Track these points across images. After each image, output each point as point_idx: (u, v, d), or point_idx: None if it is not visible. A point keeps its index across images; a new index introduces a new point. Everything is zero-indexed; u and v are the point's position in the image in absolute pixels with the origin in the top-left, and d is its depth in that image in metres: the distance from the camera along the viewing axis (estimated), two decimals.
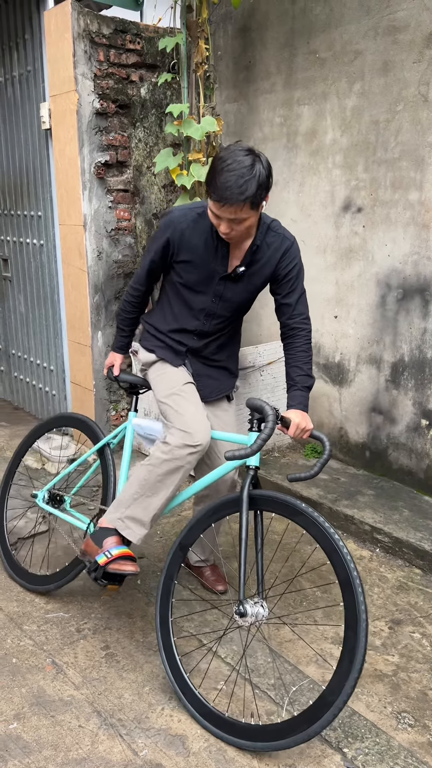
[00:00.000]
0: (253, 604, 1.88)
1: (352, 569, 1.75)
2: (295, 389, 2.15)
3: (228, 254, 2.10)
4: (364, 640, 1.70)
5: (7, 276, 4.37)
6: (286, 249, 2.13)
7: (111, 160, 3.49)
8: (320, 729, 1.71)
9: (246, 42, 3.63)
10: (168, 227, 2.10)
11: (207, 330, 2.23)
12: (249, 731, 1.83)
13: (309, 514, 1.87)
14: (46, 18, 3.38)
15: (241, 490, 1.95)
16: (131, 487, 2.11)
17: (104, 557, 2.07)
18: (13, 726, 1.91)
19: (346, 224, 3.32)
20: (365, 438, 3.44)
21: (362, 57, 3.09)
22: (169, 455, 2.03)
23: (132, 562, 2.07)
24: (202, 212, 2.09)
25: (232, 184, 1.84)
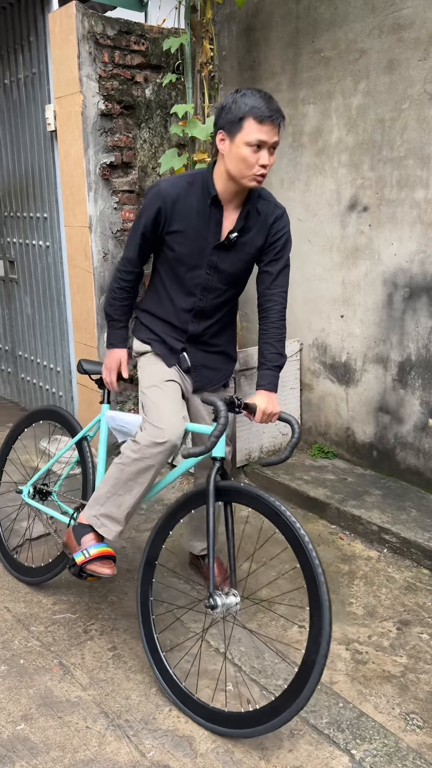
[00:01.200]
0: (224, 595, 1.89)
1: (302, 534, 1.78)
2: (265, 368, 2.14)
3: (221, 221, 2.07)
4: (326, 591, 1.72)
5: (14, 278, 4.39)
6: (277, 216, 2.12)
7: (116, 161, 3.49)
8: (311, 691, 1.71)
9: (250, 42, 3.63)
10: (158, 197, 2.03)
11: (204, 307, 2.17)
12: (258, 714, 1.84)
13: (271, 504, 1.86)
14: (51, 20, 3.38)
15: (206, 483, 1.94)
16: (105, 485, 2.12)
17: (82, 556, 2.09)
18: (20, 727, 1.92)
19: (352, 223, 3.31)
20: (372, 438, 3.43)
21: (367, 55, 3.08)
22: (139, 454, 2.01)
23: (109, 563, 2.09)
24: (192, 180, 2.06)
25: (273, 103, 1.88)
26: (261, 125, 1.88)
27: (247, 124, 1.89)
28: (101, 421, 2.40)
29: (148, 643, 2.09)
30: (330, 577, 2.68)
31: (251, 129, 1.89)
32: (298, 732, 1.90)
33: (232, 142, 1.93)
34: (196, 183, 2.05)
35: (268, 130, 1.89)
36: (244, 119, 1.89)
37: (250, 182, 1.97)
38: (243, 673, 2.13)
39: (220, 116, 1.95)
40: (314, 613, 1.74)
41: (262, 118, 1.87)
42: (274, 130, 1.90)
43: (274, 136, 1.91)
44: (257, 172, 1.94)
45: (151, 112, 3.62)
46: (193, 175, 2.08)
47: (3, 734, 1.89)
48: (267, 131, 1.89)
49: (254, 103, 1.87)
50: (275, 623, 2.39)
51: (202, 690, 2.04)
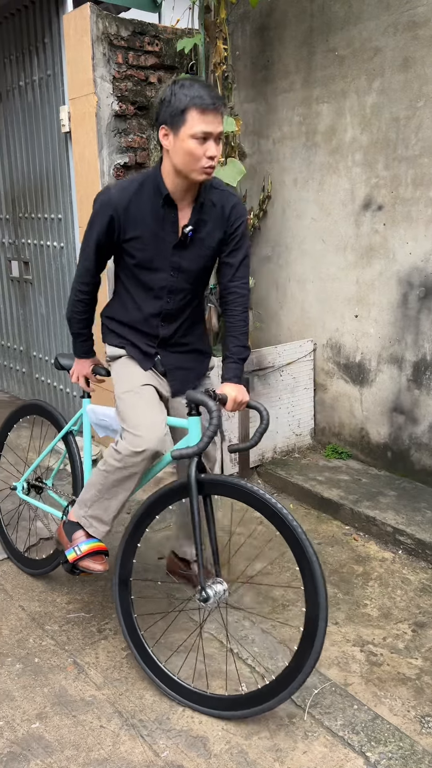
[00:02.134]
0: (211, 585, 1.93)
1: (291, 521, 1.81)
2: (230, 361, 2.13)
3: (177, 220, 2.02)
4: (311, 548, 1.78)
5: (28, 278, 4.41)
6: (233, 205, 2.07)
7: (130, 161, 3.50)
8: (314, 660, 1.77)
9: (264, 41, 3.62)
10: (108, 206, 1.97)
11: (172, 309, 2.13)
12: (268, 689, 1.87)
13: (255, 492, 1.87)
14: (65, 22, 3.40)
15: (188, 477, 1.94)
16: (91, 489, 2.11)
17: (74, 553, 2.12)
18: (35, 725, 1.92)
19: (366, 222, 3.29)
20: (387, 438, 3.41)
21: (382, 54, 3.06)
22: (121, 463, 2.00)
23: (101, 558, 2.12)
24: (143, 181, 2.00)
25: (212, 92, 1.84)
26: (204, 115, 1.82)
27: (189, 116, 1.83)
28: (83, 414, 2.41)
29: (145, 660, 2.08)
30: (344, 578, 2.67)
31: (195, 121, 1.83)
32: (313, 734, 1.89)
33: (176, 136, 1.87)
34: (146, 184, 1.99)
35: (212, 120, 1.84)
36: (187, 111, 1.83)
37: (199, 176, 1.91)
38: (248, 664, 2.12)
39: (160, 110, 1.89)
40: (305, 571, 1.77)
41: (205, 107, 1.81)
42: (217, 119, 1.85)
43: (218, 126, 1.86)
44: (205, 164, 1.88)
45: None
46: (143, 177, 2.02)
47: (18, 732, 1.90)
48: (211, 121, 1.84)
49: (195, 93, 1.82)
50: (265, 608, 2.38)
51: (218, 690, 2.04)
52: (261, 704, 1.87)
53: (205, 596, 1.91)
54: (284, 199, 3.68)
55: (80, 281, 2.16)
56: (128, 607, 2.12)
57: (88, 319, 2.24)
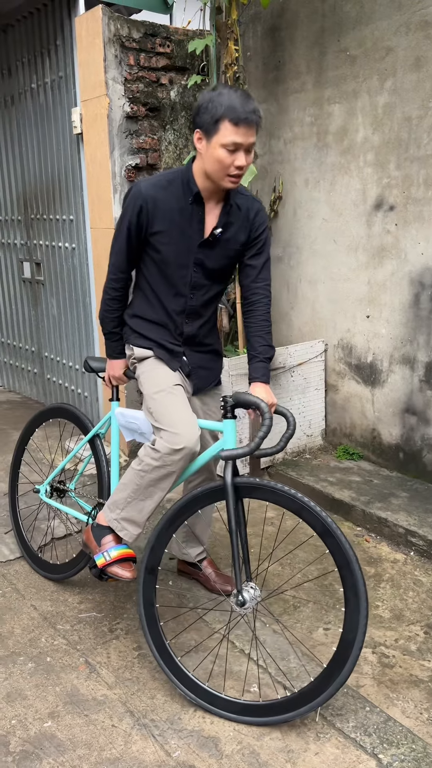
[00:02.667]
0: (247, 589, 1.92)
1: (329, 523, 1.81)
2: (257, 360, 2.14)
3: (204, 218, 2.06)
4: (359, 570, 1.76)
5: (40, 280, 4.43)
6: (257, 210, 2.13)
7: (141, 163, 3.51)
8: (352, 666, 1.76)
9: (275, 42, 3.62)
10: (138, 197, 2.00)
11: (196, 305, 2.16)
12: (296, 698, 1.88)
13: (291, 495, 1.86)
14: (77, 24, 3.42)
15: (224, 479, 1.94)
16: (125, 489, 2.09)
17: (102, 558, 2.09)
18: (47, 724, 1.93)
19: (378, 223, 3.28)
20: (399, 439, 3.39)
21: (394, 53, 3.05)
22: (160, 462, 1.99)
23: (129, 566, 2.09)
24: (172, 179, 2.04)
25: (248, 104, 1.85)
26: (236, 127, 1.85)
27: (222, 126, 1.86)
28: (111, 418, 2.41)
29: (159, 652, 2.07)
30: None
31: (227, 131, 1.86)
32: (324, 735, 1.89)
33: (209, 143, 1.91)
34: (176, 181, 2.03)
35: (244, 132, 1.86)
36: (220, 121, 1.86)
37: (226, 183, 1.96)
38: (268, 674, 2.12)
39: (197, 115, 1.92)
40: (350, 596, 1.76)
41: (237, 120, 1.84)
42: (250, 131, 1.87)
43: (250, 138, 1.88)
44: (232, 173, 1.92)
45: (176, 113, 3.63)
46: (173, 173, 2.06)
47: (30, 731, 1.91)
48: (243, 133, 1.86)
49: (229, 104, 1.84)
50: (300, 626, 2.38)
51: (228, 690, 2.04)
52: (277, 715, 1.88)
53: (242, 600, 1.89)
54: (295, 200, 3.68)
55: (111, 278, 2.19)
56: (151, 596, 2.08)
57: (121, 317, 2.26)
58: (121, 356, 2.31)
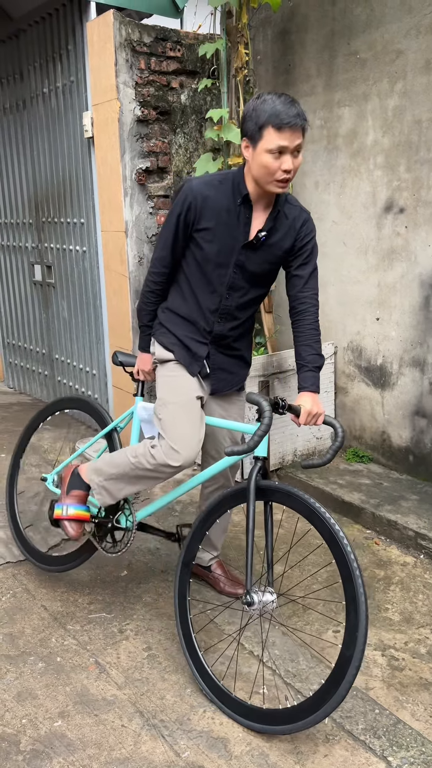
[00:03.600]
0: (260, 592, 1.91)
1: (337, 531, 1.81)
2: (306, 370, 2.14)
3: (250, 221, 2.08)
4: (362, 586, 1.74)
5: (51, 282, 4.46)
6: (304, 220, 2.14)
7: (152, 166, 3.53)
8: (348, 685, 1.73)
9: (285, 45, 3.63)
10: (189, 194, 2.04)
11: (230, 306, 2.17)
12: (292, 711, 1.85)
13: (311, 505, 1.86)
14: (89, 29, 3.44)
15: (248, 481, 1.95)
16: (115, 467, 2.20)
17: (61, 510, 2.30)
18: (57, 724, 1.94)
19: (387, 225, 3.28)
20: (408, 442, 3.39)
21: (404, 56, 3.05)
22: (153, 468, 2.09)
23: (80, 527, 2.30)
24: (223, 179, 2.07)
25: (292, 108, 1.86)
26: (280, 132, 1.87)
27: (266, 133, 1.89)
28: (134, 413, 2.43)
29: (186, 642, 2.10)
30: (365, 582, 2.65)
31: (271, 137, 1.88)
32: (334, 737, 1.88)
33: (255, 150, 1.94)
34: (226, 182, 2.07)
35: (289, 136, 1.88)
36: (264, 128, 1.89)
37: (274, 188, 1.98)
38: (277, 675, 2.12)
39: (243, 124, 1.96)
40: (350, 609, 1.75)
41: (281, 125, 1.86)
42: (295, 134, 1.88)
43: (295, 140, 1.90)
44: (279, 177, 1.94)
45: (186, 117, 3.65)
46: (224, 175, 2.10)
47: (41, 730, 1.92)
48: (287, 137, 1.88)
49: (272, 110, 1.86)
50: (309, 627, 2.38)
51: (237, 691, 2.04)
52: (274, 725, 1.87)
53: (249, 600, 1.89)
54: (305, 203, 3.69)
55: (154, 271, 2.20)
56: (185, 590, 2.13)
57: (155, 312, 2.29)
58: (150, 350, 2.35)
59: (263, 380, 3.40)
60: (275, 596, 1.93)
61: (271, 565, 1.98)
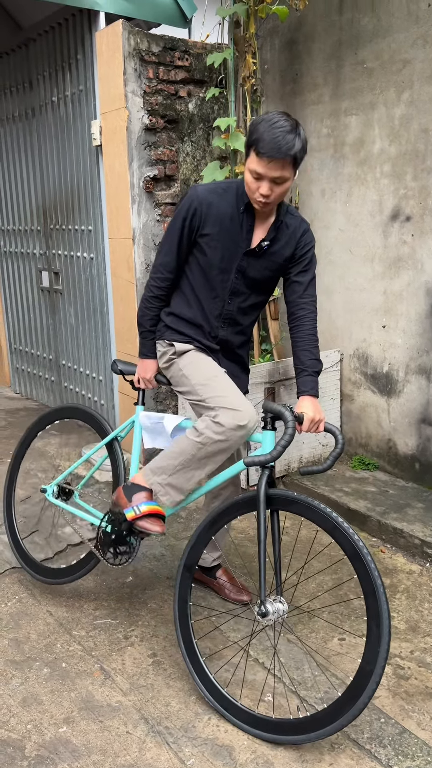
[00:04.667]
0: (273, 601, 1.90)
1: (361, 547, 1.79)
2: (306, 374, 2.15)
3: (252, 229, 2.11)
4: (385, 602, 1.74)
5: (58, 289, 4.49)
6: (304, 230, 2.18)
7: (159, 174, 3.55)
8: (367, 699, 1.72)
9: (293, 55, 3.66)
10: (193, 199, 2.07)
11: (232, 311, 2.20)
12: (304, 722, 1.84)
13: (322, 511, 1.86)
14: (98, 38, 3.48)
15: (257, 490, 1.95)
16: (177, 457, 2.09)
17: (133, 512, 2.09)
18: (62, 729, 1.94)
19: (394, 233, 3.29)
20: (415, 450, 3.38)
21: (411, 66, 3.07)
22: (223, 436, 1.99)
23: (160, 522, 2.10)
24: (227, 187, 2.10)
25: (281, 139, 1.86)
26: (259, 158, 1.90)
27: (251, 152, 1.93)
28: (135, 422, 2.43)
29: (187, 648, 2.10)
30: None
31: (252, 159, 1.93)
32: (339, 746, 1.88)
33: (245, 164, 1.99)
34: (230, 190, 2.10)
35: (267, 164, 1.90)
36: (250, 147, 1.93)
37: (255, 204, 2.02)
38: (283, 683, 2.12)
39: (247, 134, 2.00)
40: (372, 625, 1.74)
41: (259, 152, 1.89)
42: (273, 164, 1.89)
43: (272, 171, 1.91)
44: (257, 198, 1.98)
45: (193, 125, 3.68)
46: (228, 183, 2.13)
47: (46, 736, 1.92)
48: (265, 165, 1.90)
49: (261, 134, 1.88)
50: (315, 635, 2.37)
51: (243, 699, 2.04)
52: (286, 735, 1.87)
53: (264, 611, 1.88)
54: (312, 210, 3.70)
55: (157, 277, 2.22)
56: (186, 594, 2.11)
57: (158, 317, 2.29)
58: (153, 356, 2.33)
59: (269, 387, 3.41)
60: (286, 605, 1.92)
61: (280, 574, 1.98)
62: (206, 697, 2.02)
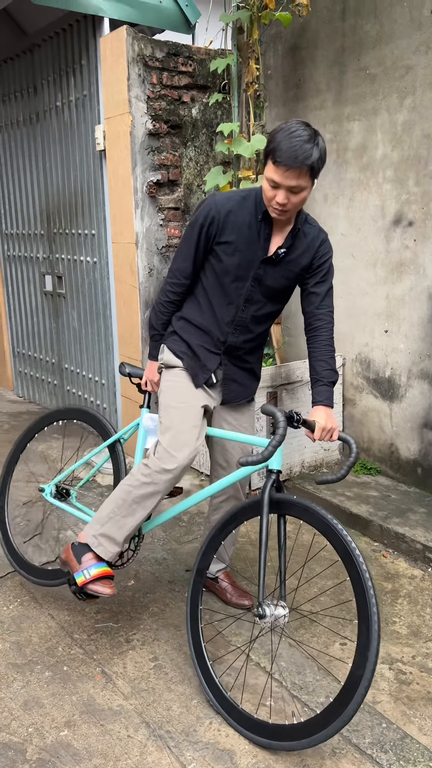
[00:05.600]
0: (273, 605, 1.90)
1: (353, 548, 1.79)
2: (321, 384, 2.15)
3: (270, 237, 2.11)
4: (375, 605, 1.72)
5: (61, 293, 4.50)
6: (322, 240, 2.18)
7: (162, 179, 3.57)
8: (357, 705, 1.70)
9: (296, 60, 3.68)
10: (212, 207, 2.08)
11: (245, 318, 2.19)
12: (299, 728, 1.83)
13: (328, 520, 1.86)
14: (102, 44, 3.50)
15: (261, 494, 1.96)
16: (109, 505, 2.13)
17: (83, 576, 2.10)
18: (63, 733, 1.94)
19: (396, 238, 3.29)
20: (417, 454, 3.38)
21: (413, 72, 3.08)
22: (149, 479, 2.06)
23: (109, 583, 2.11)
24: (246, 195, 2.11)
25: (298, 148, 1.86)
26: (276, 167, 1.91)
27: (269, 162, 1.94)
28: (140, 425, 2.43)
29: (196, 652, 2.10)
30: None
31: (269, 168, 1.94)
32: (341, 751, 1.87)
33: (263, 172, 1.99)
34: (249, 198, 2.11)
35: (283, 173, 1.90)
36: (268, 156, 1.94)
37: (271, 212, 2.03)
38: (284, 688, 2.12)
39: None
40: (362, 628, 1.73)
41: (276, 161, 1.90)
42: (289, 174, 1.90)
43: (289, 180, 1.91)
44: (273, 205, 1.99)
45: (197, 130, 3.69)
46: (247, 191, 2.14)
47: (47, 739, 1.92)
48: (281, 174, 1.90)
49: (278, 144, 1.89)
50: (316, 640, 2.37)
51: (244, 703, 2.03)
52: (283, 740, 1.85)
53: (261, 612, 1.88)
54: (314, 215, 3.71)
55: (173, 282, 2.22)
56: (197, 597, 2.14)
57: (170, 321, 2.30)
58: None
59: (271, 391, 3.41)
60: (287, 611, 1.92)
61: (284, 579, 1.97)
62: (211, 701, 2.02)
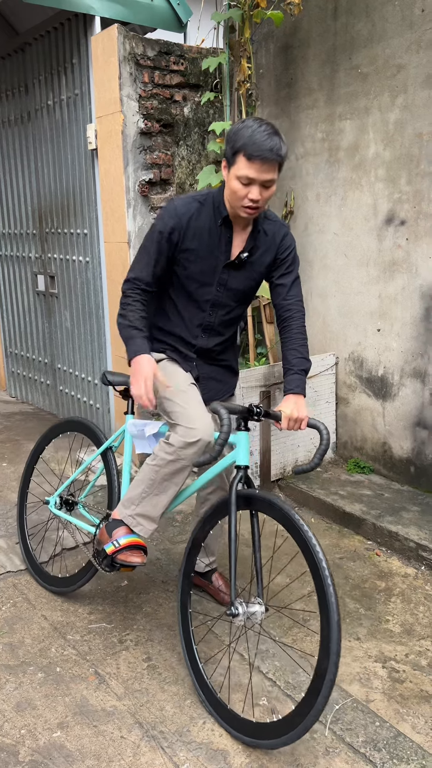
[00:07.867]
0: (246, 603, 1.91)
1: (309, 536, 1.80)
2: (292, 373, 2.15)
3: (231, 240, 2.11)
4: (333, 595, 1.72)
5: (54, 292, 4.49)
6: (284, 235, 2.18)
7: (155, 178, 3.56)
8: (324, 700, 1.69)
9: (288, 59, 3.67)
10: (172, 215, 2.06)
11: (213, 322, 2.21)
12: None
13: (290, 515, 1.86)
14: (93, 43, 3.48)
15: (229, 491, 1.97)
16: (140, 486, 2.14)
17: (112, 546, 2.13)
18: (56, 734, 1.94)
19: (389, 237, 3.30)
20: (410, 453, 3.39)
21: (405, 71, 3.09)
22: (174, 456, 2.04)
23: (140, 553, 2.13)
24: (203, 200, 2.09)
25: (268, 141, 1.86)
26: (250, 162, 1.89)
27: (239, 159, 1.91)
28: (125, 432, 2.43)
29: (188, 653, 2.10)
30: (366, 593, 2.65)
31: (241, 165, 1.91)
32: (334, 750, 1.88)
33: (229, 172, 1.97)
34: (207, 203, 2.09)
35: (258, 168, 1.89)
36: (237, 154, 1.91)
37: (241, 213, 2.01)
38: (277, 687, 2.12)
39: (226, 144, 1.98)
40: (324, 620, 1.73)
41: (251, 155, 1.87)
42: (265, 167, 1.89)
43: (264, 174, 1.90)
44: (245, 204, 1.97)
45: (189, 129, 3.68)
46: (204, 195, 2.11)
47: (40, 741, 1.91)
48: (257, 169, 1.89)
49: (248, 138, 1.87)
50: (310, 639, 2.37)
51: (237, 703, 2.03)
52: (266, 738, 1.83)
53: (234, 611, 1.89)
54: (307, 215, 3.71)
55: (129, 290, 2.14)
56: (186, 600, 2.15)
57: (145, 317, 2.15)
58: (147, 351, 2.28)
59: (264, 390, 3.41)
60: (263, 607, 1.92)
61: (261, 576, 1.97)
62: (204, 702, 2.02)
